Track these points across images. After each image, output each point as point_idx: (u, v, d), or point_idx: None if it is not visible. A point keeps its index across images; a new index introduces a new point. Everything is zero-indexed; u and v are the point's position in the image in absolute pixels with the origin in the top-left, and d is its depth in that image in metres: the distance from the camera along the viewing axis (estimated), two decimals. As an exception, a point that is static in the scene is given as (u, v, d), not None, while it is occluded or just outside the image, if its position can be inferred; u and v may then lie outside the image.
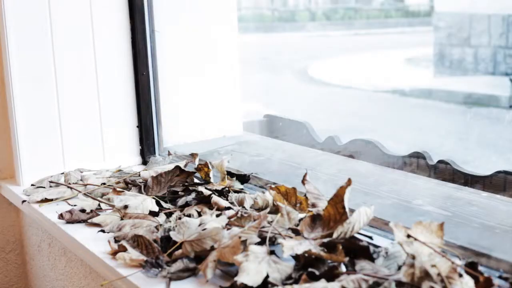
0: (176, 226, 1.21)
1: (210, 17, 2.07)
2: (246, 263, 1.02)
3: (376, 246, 1.10)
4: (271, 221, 1.17)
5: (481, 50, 9.71)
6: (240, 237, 1.09)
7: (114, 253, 1.22)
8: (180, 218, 1.26)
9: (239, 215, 1.26)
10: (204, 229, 1.17)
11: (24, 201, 1.62)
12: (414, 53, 12.40)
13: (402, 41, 14.60)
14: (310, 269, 1.00)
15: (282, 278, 1.02)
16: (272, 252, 1.06)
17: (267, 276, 1.02)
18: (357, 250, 1.06)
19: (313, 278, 0.99)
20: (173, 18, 2.03)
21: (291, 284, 0.99)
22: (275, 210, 1.25)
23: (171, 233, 1.19)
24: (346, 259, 1.02)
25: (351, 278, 0.96)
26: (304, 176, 1.24)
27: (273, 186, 1.31)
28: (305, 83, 10.44)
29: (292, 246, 1.04)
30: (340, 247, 1.04)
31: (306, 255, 1.04)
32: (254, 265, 1.02)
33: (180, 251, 1.16)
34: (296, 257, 1.06)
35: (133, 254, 1.18)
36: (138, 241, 1.21)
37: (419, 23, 17.90)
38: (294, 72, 11.32)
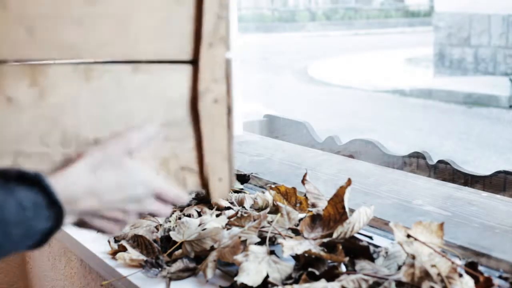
0: (176, 226, 1.21)
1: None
2: (246, 263, 1.02)
3: (376, 246, 1.10)
4: (271, 221, 1.17)
5: (481, 50, 9.71)
6: (240, 237, 1.09)
7: (114, 253, 1.22)
8: (180, 218, 1.26)
9: (239, 215, 1.26)
10: (204, 229, 1.17)
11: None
12: (414, 53, 12.42)
13: (402, 41, 14.61)
14: (310, 269, 1.00)
15: (282, 278, 1.02)
16: (272, 252, 1.06)
17: (267, 276, 1.02)
18: (357, 250, 1.06)
19: (313, 278, 0.99)
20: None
21: (291, 284, 0.99)
22: (275, 210, 1.25)
23: (171, 233, 1.19)
24: (346, 259, 1.02)
25: (351, 278, 0.95)
26: (304, 176, 1.24)
27: (273, 186, 1.31)
28: (305, 83, 10.44)
29: (292, 246, 1.04)
30: (340, 247, 1.04)
31: (306, 255, 1.04)
32: (254, 265, 1.02)
33: (180, 251, 1.16)
34: (296, 257, 1.06)
35: (133, 254, 1.18)
36: (138, 241, 1.21)
37: (419, 23, 17.91)
38: (294, 72, 11.32)
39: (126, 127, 0.80)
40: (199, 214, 1.34)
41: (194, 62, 0.82)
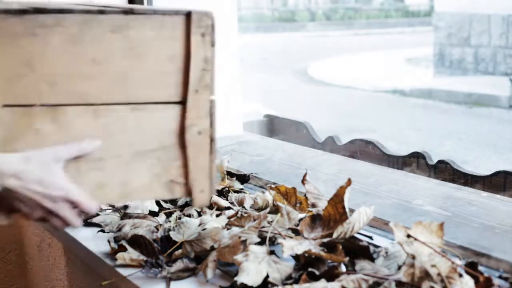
0: (176, 226, 1.21)
1: (210, 17, 2.07)
2: (246, 263, 1.02)
3: (376, 246, 1.10)
4: (271, 221, 1.17)
5: (481, 50, 9.71)
6: (240, 237, 1.09)
7: (114, 253, 1.22)
8: (180, 218, 1.26)
9: (239, 215, 1.26)
10: (204, 229, 1.17)
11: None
12: (414, 53, 12.41)
13: (402, 41, 14.61)
14: (310, 269, 1.00)
15: (282, 278, 1.02)
16: (272, 252, 1.06)
17: (267, 276, 1.02)
18: (357, 250, 1.06)
19: (313, 278, 0.99)
20: (173, 18, 2.02)
21: (291, 284, 0.99)
22: (275, 210, 1.25)
23: (171, 233, 1.19)
24: (346, 259, 1.02)
25: (351, 278, 0.96)
26: (304, 176, 1.25)
27: (273, 186, 1.31)
28: (305, 83, 10.44)
29: (292, 246, 1.04)
30: (340, 247, 1.04)
31: (306, 255, 1.04)
32: (254, 265, 1.02)
33: (180, 251, 1.16)
34: (296, 257, 1.06)
35: (133, 254, 1.19)
36: (138, 241, 1.21)
37: (419, 23, 17.91)
38: (294, 72, 11.32)
39: (127, 151, 1.05)
40: (199, 214, 1.34)
41: (183, 103, 1.07)
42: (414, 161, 1.71)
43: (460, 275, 0.92)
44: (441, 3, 10.58)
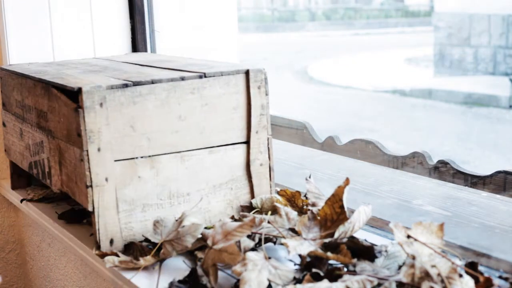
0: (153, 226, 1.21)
1: (210, 17, 2.07)
2: (246, 273, 1.00)
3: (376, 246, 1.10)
4: (268, 221, 1.17)
5: (481, 50, 9.71)
6: (236, 242, 1.06)
7: (102, 255, 1.20)
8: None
9: (236, 217, 1.26)
10: (183, 227, 1.15)
11: (23, 199, 1.62)
12: (414, 53, 12.40)
13: (402, 41, 14.60)
14: (314, 270, 1.00)
15: (284, 283, 1.01)
16: (270, 257, 1.05)
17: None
18: (359, 250, 1.05)
19: (316, 278, 0.99)
20: (173, 18, 2.03)
21: (294, 284, 0.98)
22: (274, 211, 1.25)
23: (149, 235, 1.18)
24: (354, 260, 1.01)
25: (356, 279, 0.95)
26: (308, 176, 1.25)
27: (278, 189, 1.32)
28: (305, 83, 10.44)
29: (295, 246, 1.03)
30: (345, 247, 1.04)
31: (311, 255, 1.03)
32: (255, 274, 1.00)
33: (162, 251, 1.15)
34: (299, 258, 1.06)
35: (122, 256, 1.17)
36: (129, 245, 1.22)
37: (419, 23, 17.89)
38: (294, 72, 11.31)
39: (207, 185, 1.30)
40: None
41: (247, 142, 1.33)
42: (414, 161, 1.71)
43: (460, 275, 0.92)
44: (441, 3, 10.57)
